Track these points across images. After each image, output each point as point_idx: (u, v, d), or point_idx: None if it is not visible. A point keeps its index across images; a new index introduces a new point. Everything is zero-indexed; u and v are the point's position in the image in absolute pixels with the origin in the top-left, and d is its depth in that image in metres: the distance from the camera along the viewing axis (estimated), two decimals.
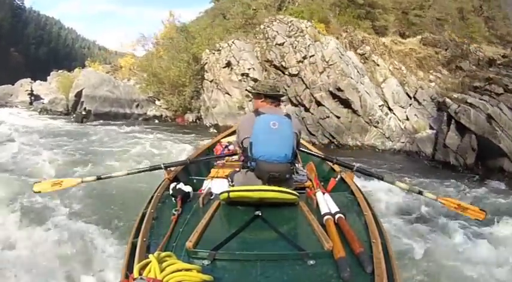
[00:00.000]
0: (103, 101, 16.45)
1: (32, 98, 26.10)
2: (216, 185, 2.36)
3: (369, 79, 10.69)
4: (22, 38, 53.79)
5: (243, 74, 11.77)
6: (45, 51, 60.85)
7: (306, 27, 11.22)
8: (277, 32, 11.37)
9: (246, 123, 2.13)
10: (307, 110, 10.22)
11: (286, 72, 10.75)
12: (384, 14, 14.11)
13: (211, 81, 12.97)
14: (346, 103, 9.93)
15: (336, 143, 9.78)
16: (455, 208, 2.08)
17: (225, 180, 2.40)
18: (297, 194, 1.92)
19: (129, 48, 22.40)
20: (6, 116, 14.86)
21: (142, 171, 2.48)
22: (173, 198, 1.97)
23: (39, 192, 2.27)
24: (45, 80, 31.33)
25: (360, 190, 2.14)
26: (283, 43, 11.06)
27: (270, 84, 2.26)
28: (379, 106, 10.22)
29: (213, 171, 2.79)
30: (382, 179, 2.44)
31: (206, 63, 13.18)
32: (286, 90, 10.33)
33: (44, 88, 28.94)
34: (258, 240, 1.57)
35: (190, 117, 14.43)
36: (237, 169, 2.30)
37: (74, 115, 15.49)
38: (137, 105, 17.03)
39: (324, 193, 2.03)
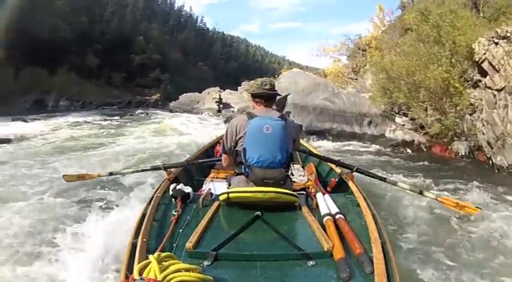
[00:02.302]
0: (319, 114, 11.49)
1: (221, 105, 25.64)
2: (216, 185, 2.37)
3: None
4: (209, 54, 61.60)
5: None
6: (234, 65, 65.98)
7: None
8: None
9: (238, 127, 2.00)
10: None
11: None
12: None
13: (499, 90, 7.22)
14: None
15: None
16: (453, 207, 2.13)
17: (225, 181, 2.41)
18: (297, 195, 1.93)
19: (334, 52, 20.35)
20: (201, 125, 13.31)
21: (145, 170, 2.67)
22: (173, 199, 1.97)
23: (69, 181, 2.65)
24: (236, 89, 31.04)
25: (360, 191, 2.15)
26: None
27: (258, 83, 2.10)
28: None
29: (213, 172, 2.80)
30: (384, 180, 2.46)
31: (484, 59, 7.68)
32: None
33: (235, 97, 28.52)
34: (258, 240, 1.57)
35: (461, 147, 8.14)
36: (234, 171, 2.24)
37: None
38: (369, 123, 11.40)
39: (324, 194, 2.04)
